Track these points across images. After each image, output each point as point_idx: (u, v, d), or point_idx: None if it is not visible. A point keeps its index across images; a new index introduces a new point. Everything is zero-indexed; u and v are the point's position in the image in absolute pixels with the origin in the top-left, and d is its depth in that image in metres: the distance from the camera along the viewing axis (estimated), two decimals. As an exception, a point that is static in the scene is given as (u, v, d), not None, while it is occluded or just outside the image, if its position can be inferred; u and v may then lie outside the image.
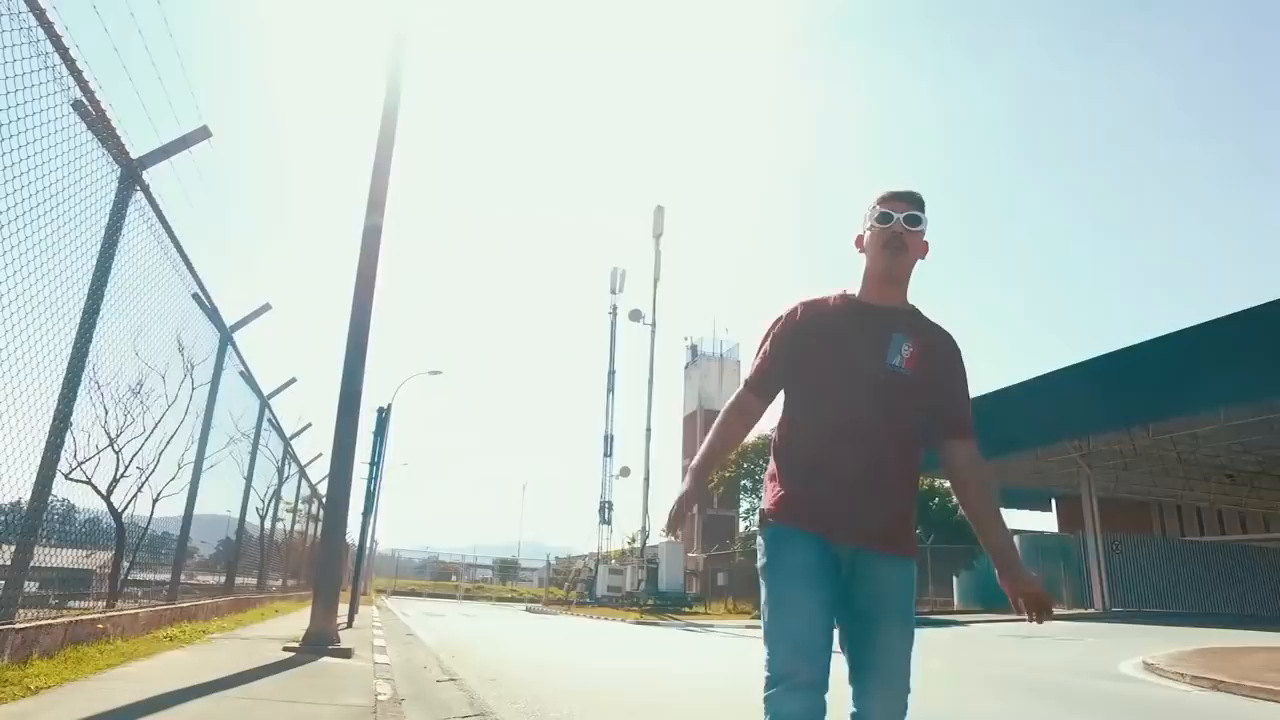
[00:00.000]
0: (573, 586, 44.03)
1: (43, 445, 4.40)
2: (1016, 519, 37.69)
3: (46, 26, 3.69)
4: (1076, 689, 7.33)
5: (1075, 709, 6.15)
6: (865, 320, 2.03)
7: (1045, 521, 41.07)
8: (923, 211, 2.04)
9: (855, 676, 1.90)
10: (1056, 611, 27.68)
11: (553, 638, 14.16)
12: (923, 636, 1.98)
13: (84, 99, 4.38)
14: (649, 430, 41.69)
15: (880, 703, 1.86)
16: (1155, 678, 8.33)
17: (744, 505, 38.82)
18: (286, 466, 15.20)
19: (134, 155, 4.88)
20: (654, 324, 43.37)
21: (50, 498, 4.54)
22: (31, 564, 4.24)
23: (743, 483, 36.41)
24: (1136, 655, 10.16)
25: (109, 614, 5.59)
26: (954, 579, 32.41)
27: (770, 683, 1.78)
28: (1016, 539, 27.42)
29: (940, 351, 2.06)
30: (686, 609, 31.41)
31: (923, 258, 2.08)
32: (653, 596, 32.64)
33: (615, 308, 47.16)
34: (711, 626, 20.35)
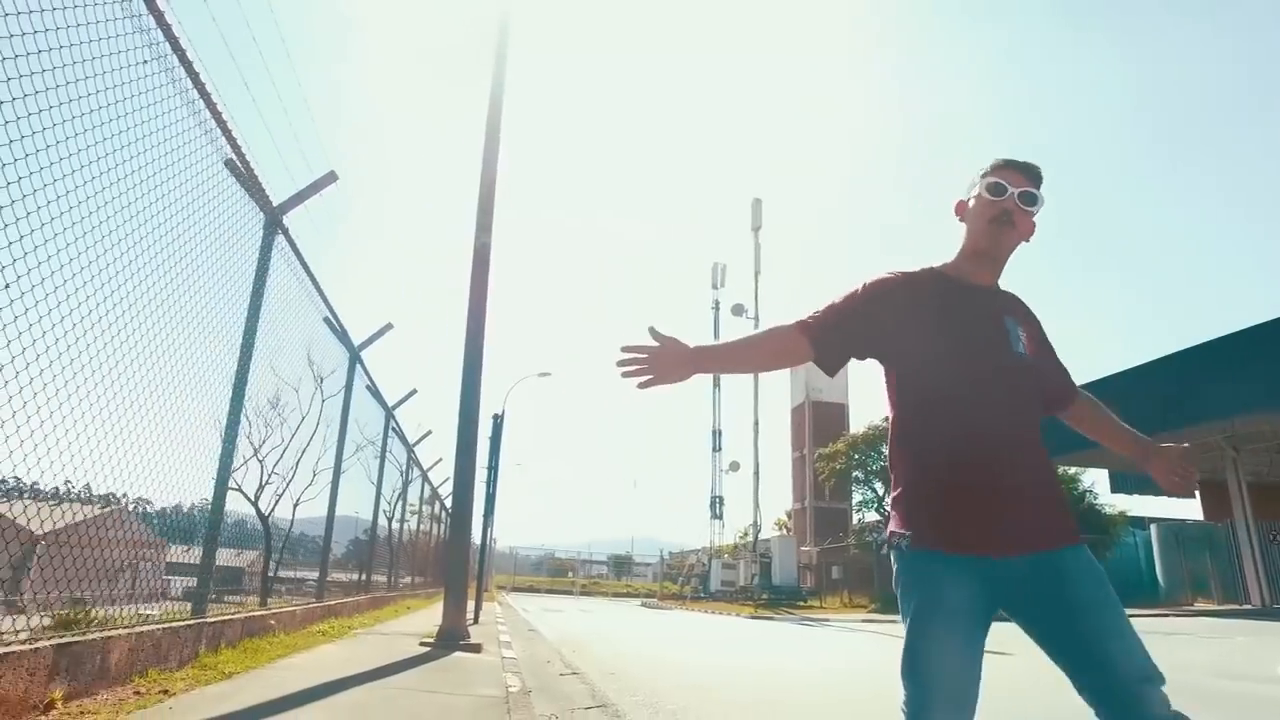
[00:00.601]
0: (686, 581, 44.45)
1: (217, 460, 5.05)
2: (1154, 507, 35.23)
3: (212, 109, 4.24)
4: (1221, 692, 6.77)
5: (1219, 712, 5.64)
6: (977, 303, 1.85)
7: (1187, 509, 38.24)
8: (1040, 189, 1.85)
9: (1092, 669, 1.56)
10: (1202, 607, 25.75)
11: (668, 634, 14.47)
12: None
13: (235, 158, 4.97)
14: (756, 424, 41.56)
15: (1137, 668, 1.52)
16: (1321, 683, 7.59)
17: (856, 498, 38.01)
18: (410, 471, 16.24)
19: (275, 202, 5.48)
20: (757, 317, 43.13)
21: (201, 508, 5.20)
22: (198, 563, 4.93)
23: (854, 474, 35.63)
24: (1297, 656, 9.36)
25: (274, 611, 6.29)
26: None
27: None
28: (1154, 528, 25.74)
29: (1036, 327, 1.94)
30: (801, 603, 31.17)
31: (1027, 240, 1.89)
32: (766, 591, 32.59)
33: (717, 302, 47.23)
34: (827, 621, 20.18)
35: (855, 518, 41.20)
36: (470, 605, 10.69)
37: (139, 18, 3.34)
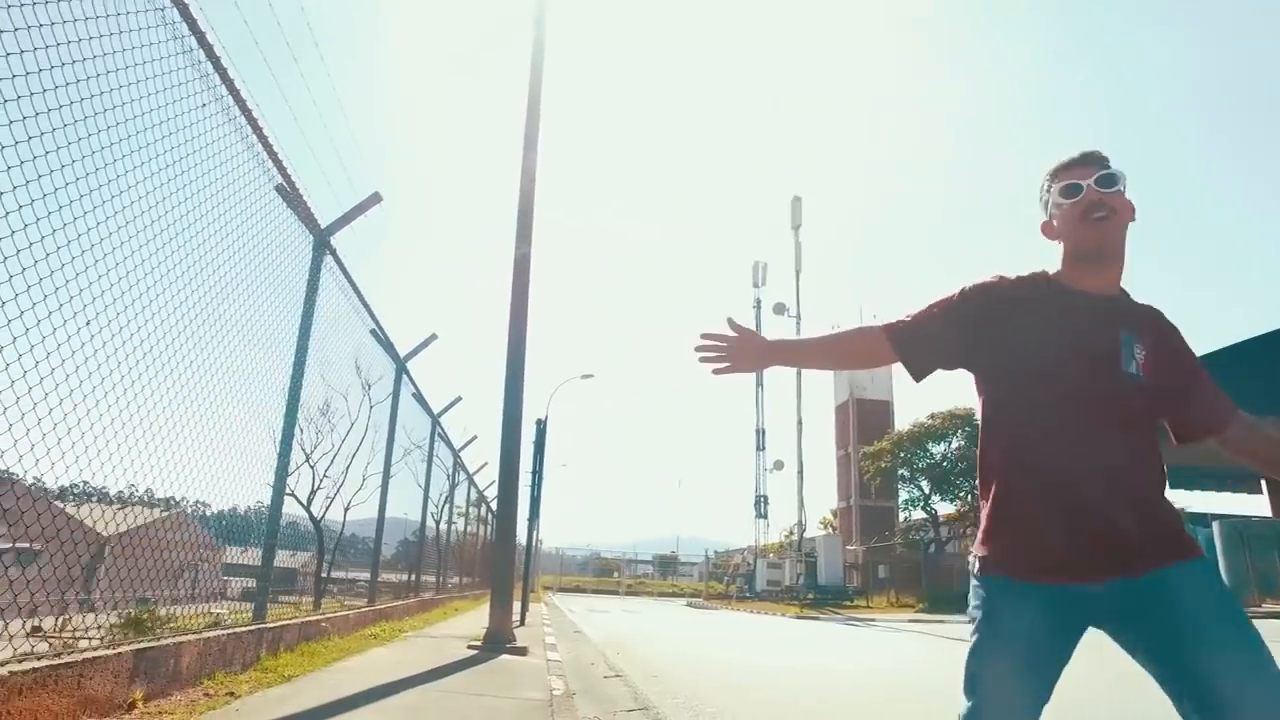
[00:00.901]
0: (732, 581, 44.44)
1: (272, 470, 5.31)
2: (1216, 503, 34.07)
3: (264, 140, 4.48)
4: None
5: None
6: (1087, 312, 1.68)
7: (1253, 505, 36.85)
8: (1112, 168, 1.69)
9: (1202, 714, 1.39)
10: (1271, 608, 24.82)
11: (712, 634, 14.55)
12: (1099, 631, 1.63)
13: (284, 183, 5.22)
14: (800, 423, 41.32)
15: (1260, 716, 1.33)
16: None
17: (902, 496, 37.54)
18: (456, 474, 16.61)
19: (323, 224, 5.72)
20: (799, 316, 42.96)
21: (256, 510, 5.49)
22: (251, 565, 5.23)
23: (900, 472, 35.21)
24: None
25: (328, 615, 6.57)
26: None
27: None
28: (1216, 525, 24.82)
29: (1169, 343, 1.72)
30: (847, 603, 30.95)
31: (1133, 219, 1.71)
32: (812, 590, 32.45)
33: (759, 301, 47.10)
34: (873, 621, 20.04)
35: (901, 516, 40.70)
36: (516, 607, 10.94)
37: (200, 64, 3.60)
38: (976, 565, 1.66)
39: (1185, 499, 35.09)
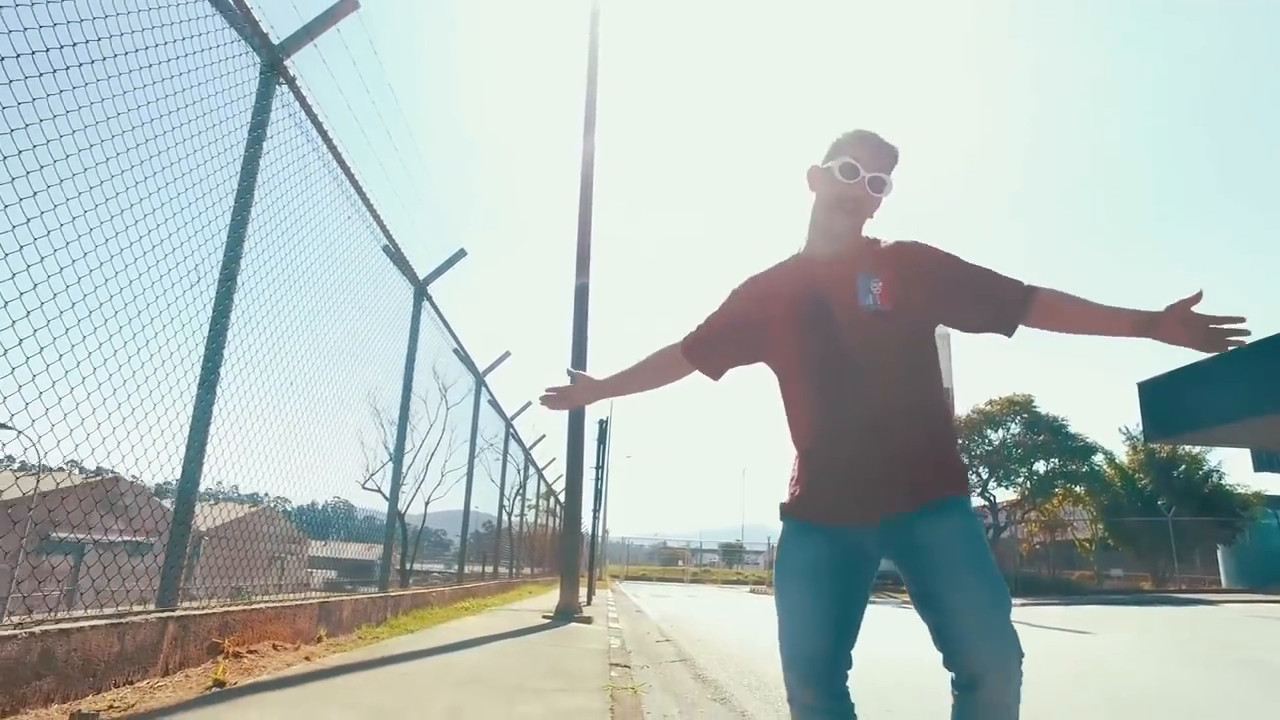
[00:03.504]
0: (794, 568, 45.24)
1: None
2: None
3: (373, 214, 5.89)
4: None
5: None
6: (824, 271, 1.81)
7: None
8: (892, 173, 1.79)
9: (940, 641, 1.62)
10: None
11: (763, 616, 15.60)
12: (1148, 615, 1.78)
13: (389, 244, 6.62)
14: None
15: (976, 652, 1.55)
16: None
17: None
18: (527, 470, 18.10)
19: (421, 276, 7.13)
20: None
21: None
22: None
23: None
24: None
25: (433, 589, 8.06)
26: (1218, 556, 29.57)
27: (788, 698, 1.74)
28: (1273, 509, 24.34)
29: (916, 265, 1.78)
30: (903, 587, 31.37)
31: (871, 217, 1.85)
32: (871, 576, 32.96)
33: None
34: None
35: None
36: (583, 590, 12.29)
37: (341, 183, 5.05)
38: (781, 511, 1.85)
39: (1269, 481, 34.20)
